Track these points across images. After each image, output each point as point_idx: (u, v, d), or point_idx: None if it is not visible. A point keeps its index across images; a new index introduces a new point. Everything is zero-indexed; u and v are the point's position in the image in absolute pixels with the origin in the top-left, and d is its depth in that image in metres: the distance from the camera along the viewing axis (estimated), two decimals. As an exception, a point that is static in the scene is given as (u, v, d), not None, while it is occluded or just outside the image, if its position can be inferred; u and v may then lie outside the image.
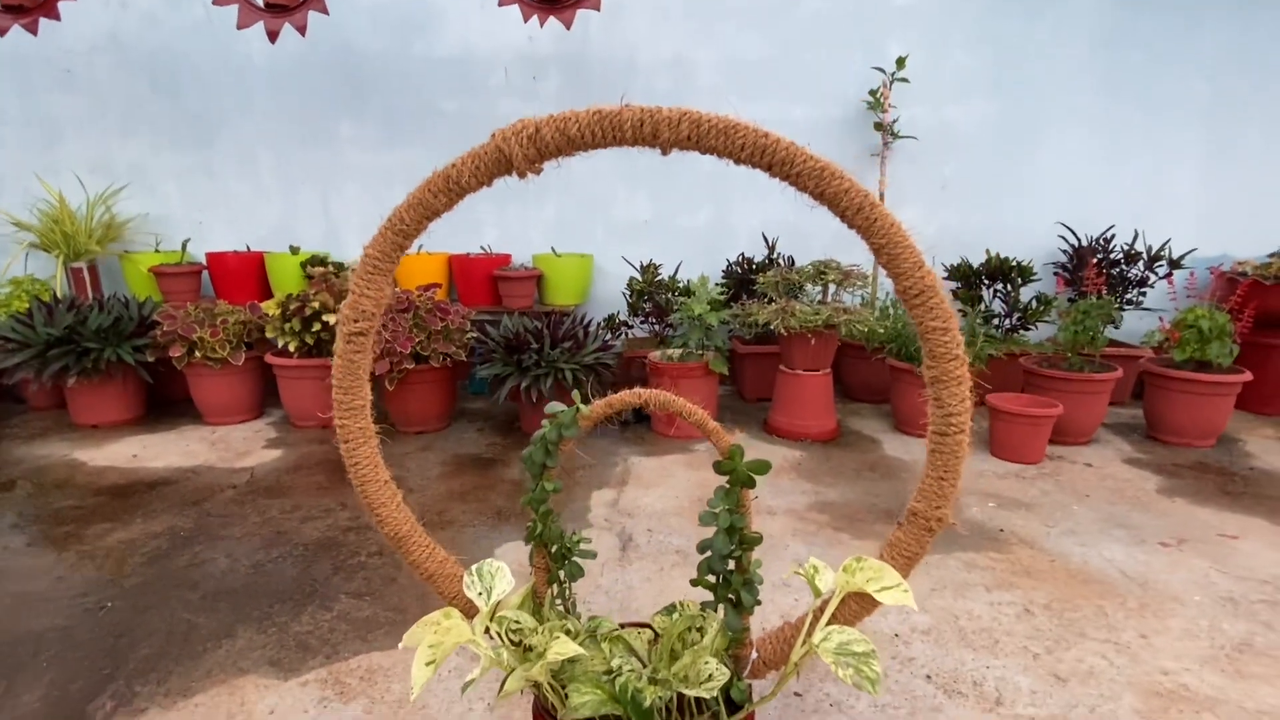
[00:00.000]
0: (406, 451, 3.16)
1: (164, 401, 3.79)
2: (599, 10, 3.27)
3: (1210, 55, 3.98)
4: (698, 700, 0.96)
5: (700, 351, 3.31)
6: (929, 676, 1.63)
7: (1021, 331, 3.88)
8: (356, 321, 0.94)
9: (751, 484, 0.96)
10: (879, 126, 3.96)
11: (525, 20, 3.27)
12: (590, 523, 2.45)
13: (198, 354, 3.32)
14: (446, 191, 0.89)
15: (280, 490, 2.72)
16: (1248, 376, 3.17)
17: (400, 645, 0.95)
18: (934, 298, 0.85)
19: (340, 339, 0.96)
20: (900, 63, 3.81)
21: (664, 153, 0.85)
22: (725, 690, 0.99)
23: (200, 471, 2.91)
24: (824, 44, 4.02)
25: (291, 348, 3.35)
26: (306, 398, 3.41)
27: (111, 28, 4.00)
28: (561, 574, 1.04)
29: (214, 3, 3.12)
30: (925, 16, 4.00)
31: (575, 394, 0.98)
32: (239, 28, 3.14)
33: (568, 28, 3.24)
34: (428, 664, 0.99)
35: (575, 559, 1.04)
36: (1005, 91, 4.06)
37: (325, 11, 3.15)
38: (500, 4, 3.21)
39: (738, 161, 0.85)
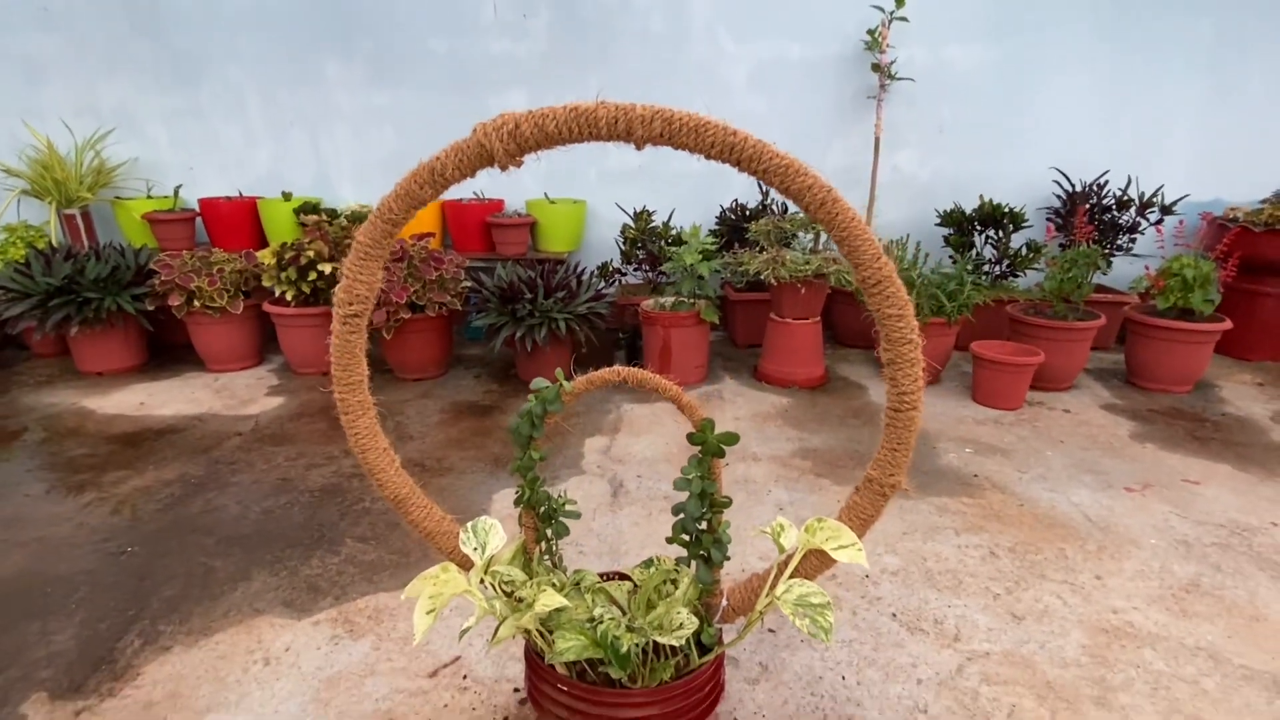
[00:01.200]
0: (406, 399, 3.26)
1: (166, 347, 3.86)
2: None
3: (1218, -6, 3.87)
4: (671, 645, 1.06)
5: (692, 300, 3.36)
6: (894, 615, 1.76)
7: (1010, 278, 3.93)
8: (351, 305, 1.00)
9: (721, 454, 1.04)
10: (876, 68, 3.89)
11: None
12: (584, 469, 2.56)
13: (196, 303, 3.37)
14: (431, 183, 0.93)
15: (285, 438, 2.83)
16: (1227, 325, 3.23)
17: (402, 596, 1.05)
18: (890, 287, 0.90)
19: (336, 320, 1.02)
20: (900, 1, 3.71)
21: (638, 148, 0.89)
22: (696, 636, 1.09)
23: (206, 419, 3.01)
24: (822, -21, 3.91)
25: (289, 296, 3.40)
26: (306, 345, 3.48)
27: (86, -38, 3.87)
28: (549, 532, 1.14)
29: (192, -60, 3.02)
30: (928, -50, 3.87)
31: (559, 371, 1.05)
32: (219, -33, 3.05)
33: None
34: (428, 613, 1.09)
35: (561, 519, 1.13)
36: (1005, 31, 3.97)
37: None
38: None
39: (708, 157, 0.89)
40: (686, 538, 1.09)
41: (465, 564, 1.18)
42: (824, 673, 1.56)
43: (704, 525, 1.08)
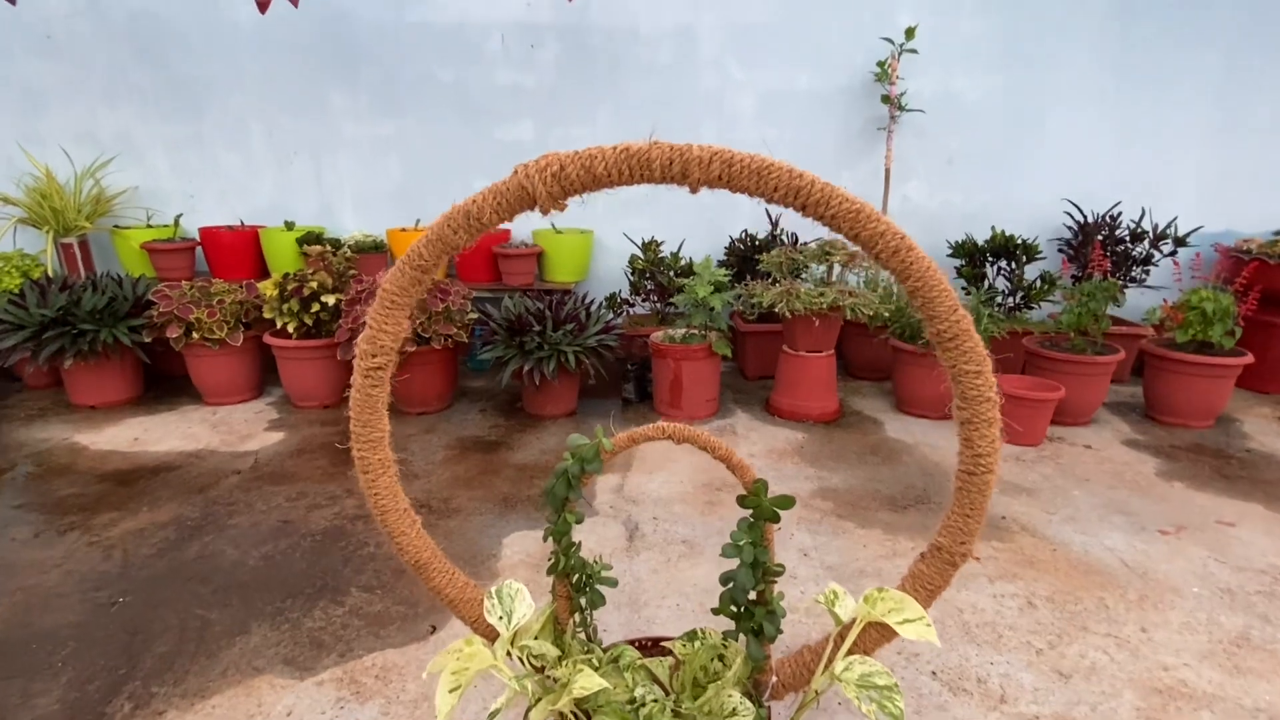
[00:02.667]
0: (410, 433, 3.16)
1: (163, 379, 3.76)
2: (600, -21, 3.15)
3: (1223, 27, 3.89)
4: (720, 730, 0.97)
5: (703, 333, 3.29)
6: (934, 673, 1.66)
7: (1025, 310, 3.88)
8: (375, 357, 0.92)
9: (776, 519, 0.96)
10: (886, 99, 3.87)
11: (524, -11, 3.15)
12: (596, 510, 2.46)
13: (195, 334, 3.28)
14: (466, 228, 0.86)
15: (285, 476, 2.72)
16: (1249, 359, 3.18)
17: (425, 674, 0.96)
18: (968, 341, 0.83)
19: (358, 373, 0.94)
20: (909, 33, 3.71)
21: (693, 191, 0.82)
22: None
23: (203, 456, 2.91)
24: (831, 8, 3.90)
25: (291, 328, 3.31)
26: (307, 378, 3.39)
27: (91, -9, 3.85)
28: (583, 601, 1.05)
29: (199, -30, 2.99)
30: (936, -17, 3.88)
31: (599, 429, 0.97)
32: (226, -4, 3.02)
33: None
34: (451, 691, 1.00)
35: (597, 587, 1.04)
36: (1014, 63, 3.97)
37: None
38: (498, -28, 3.09)
39: (769, 201, 0.82)
40: (735, 609, 1.00)
41: (490, 634, 1.08)
42: (866, 740, 1.46)
43: (754, 596, 0.99)
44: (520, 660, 1.05)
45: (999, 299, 3.89)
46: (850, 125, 4.07)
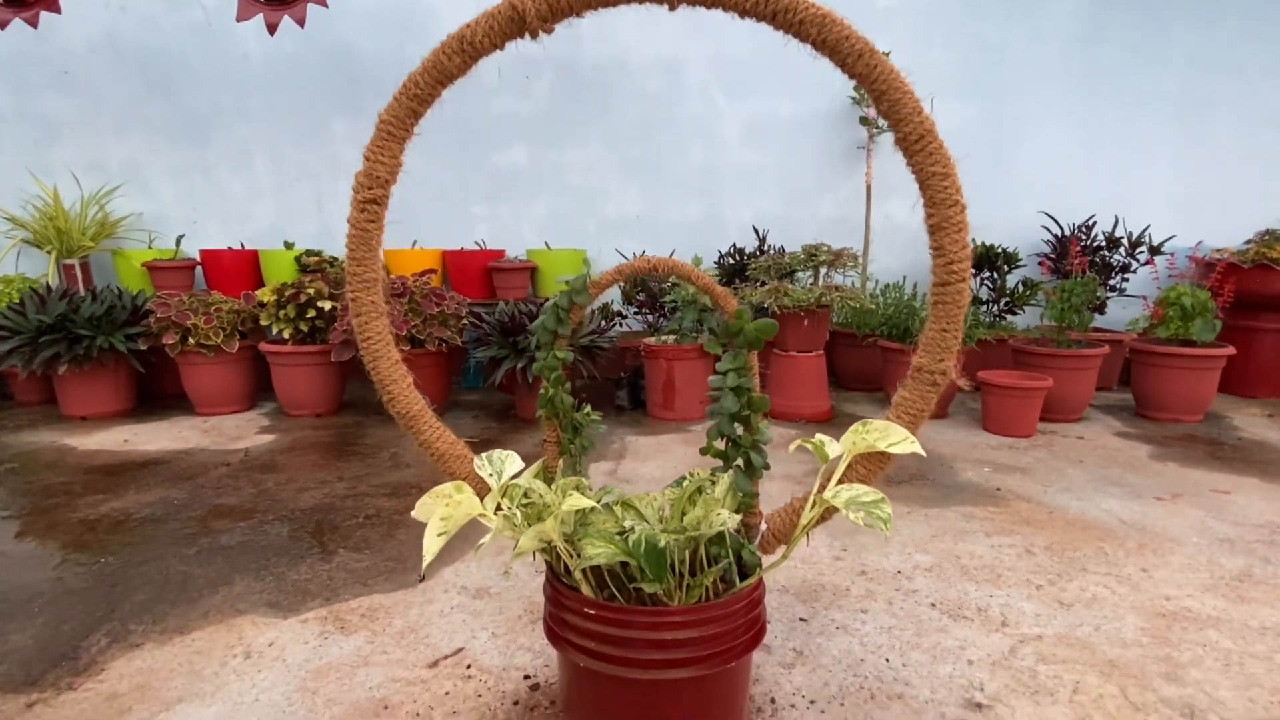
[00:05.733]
0: (401, 434, 3.15)
1: (155, 395, 3.76)
2: None
3: (1180, 55, 4.13)
4: (709, 558, 0.96)
5: (695, 334, 3.33)
6: (934, 604, 1.63)
7: (1009, 316, 3.95)
8: (370, 189, 0.96)
9: (758, 345, 0.98)
10: (864, 121, 4.06)
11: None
12: (590, 487, 2.44)
13: (191, 341, 3.31)
14: (461, 53, 0.91)
15: (275, 467, 2.70)
16: (1231, 351, 3.23)
17: (413, 514, 0.96)
18: (933, 142, 0.88)
19: (354, 208, 0.98)
20: (883, 58, 3.92)
21: (671, 7, 0.89)
22: (738, 554, 0.99)
23: (193, 453, 2.88)
24: (809, 43, 4.13)
25: (286, 334, 3.34)
26: (300, 385, 3.39)
27: (109, 29, 4.05)
28: (573, 447, 1.05)
29: (214, -5, 3.18)
30: (907, 17, 4.13)
31: (584, 260, 1.00)
32: (239, 20, 3.20)
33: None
34: (439, 535, 0.99)
35: (586, 432, 1.05)
36: (985, 89, 4.19)
37: (324, 3, 3.22)
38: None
39: (742, 14, 0.88)
40: (722, 444, 1.01)
41: (481, 490, 1.08)
42: (865, 656, 1.42)
43: (740, 429, 1.00)
44: (512, 509, 1.04)
45: (983, 307, 3.97)
46: (831, 147, 4.25)
